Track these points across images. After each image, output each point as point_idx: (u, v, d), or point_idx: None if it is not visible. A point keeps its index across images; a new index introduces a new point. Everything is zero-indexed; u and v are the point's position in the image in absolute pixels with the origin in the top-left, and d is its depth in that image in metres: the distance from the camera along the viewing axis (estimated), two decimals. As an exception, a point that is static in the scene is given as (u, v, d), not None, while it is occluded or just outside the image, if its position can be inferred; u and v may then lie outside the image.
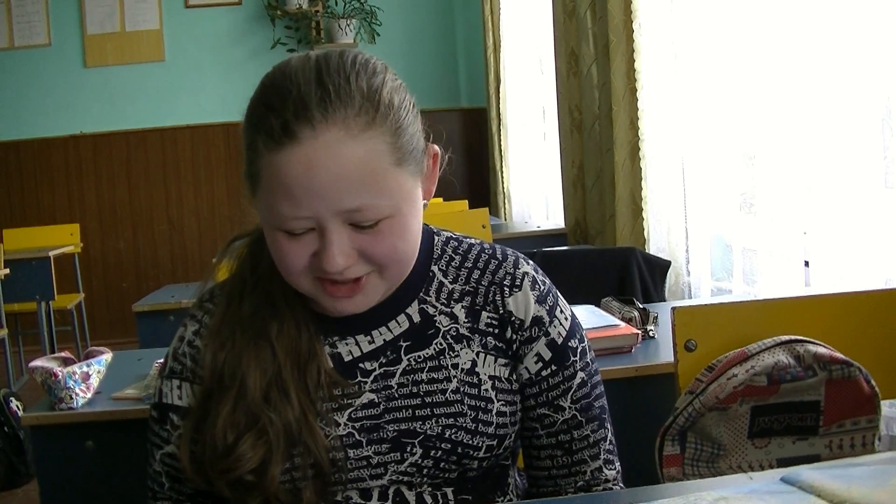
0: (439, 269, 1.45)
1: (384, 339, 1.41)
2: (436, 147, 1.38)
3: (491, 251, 1.47)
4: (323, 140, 1.19)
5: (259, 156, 1.23)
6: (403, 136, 1.27)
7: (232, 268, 1.47)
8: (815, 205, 3.05)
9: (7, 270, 6.08)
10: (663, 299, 3.78)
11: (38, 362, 2.38)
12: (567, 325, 1.46)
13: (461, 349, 1.41)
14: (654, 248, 4.21)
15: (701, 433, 1.71)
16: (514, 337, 1.43)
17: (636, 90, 4.23)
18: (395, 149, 1.25)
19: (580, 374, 1.46)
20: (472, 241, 1.50)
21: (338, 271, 1.25)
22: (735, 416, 1.70)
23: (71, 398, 2.34)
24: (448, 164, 1.43)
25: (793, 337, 1.73)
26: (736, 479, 1.31)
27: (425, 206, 1.38)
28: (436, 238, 1.48)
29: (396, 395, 1.39)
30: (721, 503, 1.12)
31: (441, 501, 1.41)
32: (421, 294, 1.43)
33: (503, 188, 7.54)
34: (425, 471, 1.38)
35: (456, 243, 1.48)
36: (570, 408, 1.45)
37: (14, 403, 4.71)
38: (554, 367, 1.44)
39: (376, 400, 1.39)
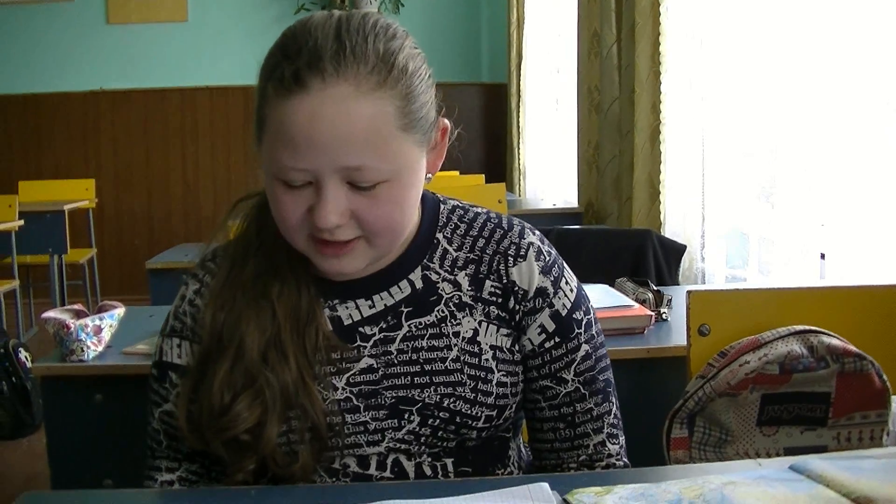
0: (444, 237, 1.44)
1: (385, 304, 1.41)
2: (446, 121, 1.38)
3: (497, 220, 1.46)
4: (331, 93, 1.19)
5: (267, 102, 1.24)
6: (414, 103, 1.26)
7: (237, 228, 1.47)
8: (833, 197, 3.03)
9: (21, 222, 6.10)
10: (677, 283, 3.77)
11: (50, 313, 2.39)
12: (572, 296, 1.45)
13: (463, 317, 1.41)
14: (670, 232, 4.20)
15: (710, 418, 1.71)
16: (518, 307, 1.42)
17: (660, 73, 4.20)
18: (403, 114, 1.24)
19: (584, 347, 1.45)
20: (479, 209, 1.49)
21: (328, 228, 1.25)
22: (745, 403, 1.70)
23: (82, 350, 2.35)
24: (458, 139, 1.43)
25: (807, 327, 1.72)
26: (745, 465, 1.32)
27: (429, 179, 1.37)
28: (441, 206, 1.48)
29: (395, 362, 1.39)
30: (729, 487, 1.12)
31: (440, 473, 1.41)
32: (424, 261, 1.43)
33: (519, 165, 7.54)
34: (423, 439, 1.38)
35: (462, 212, 1.48)
36: (573, 380, 1.44)
37: (23, 354, 4.74)
38: (557, 339, 1.43)
39: (375, 365, 1.39)
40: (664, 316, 2.56)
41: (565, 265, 1.48)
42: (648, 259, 3.69)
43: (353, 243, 1.29)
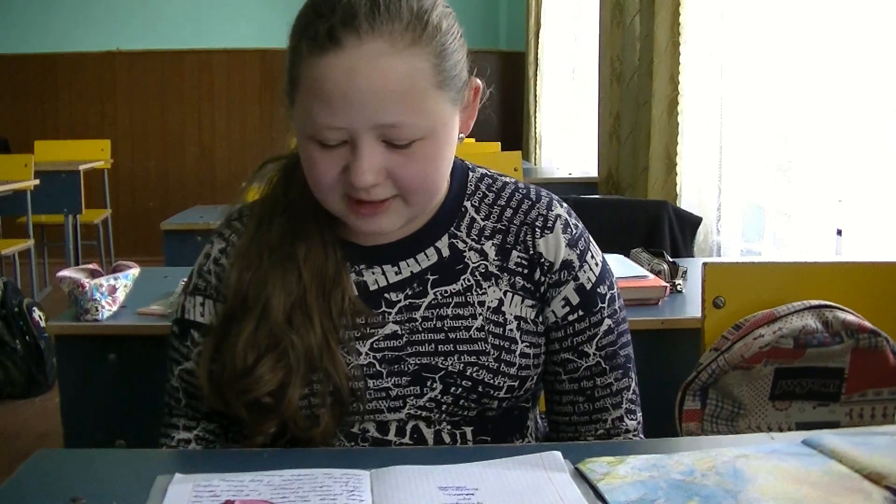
0: (472, 206, 1.44)
1: (411, 271, 1.40)
2: (478, 81, 1.37)
3: (525, 191, 1.46)
4: (367, 50, 1.18)
5: (301, 59, 1.22)
6: (448, 60, 1.25)
7: (263, 190, 1.46)
8: (851, 173, 3.02)
9: (37, 181, 6.11)
10: (692, 255, 3.77)
11: (65, 272, 2.39)
12: (597, 270, 1.45)
13: (489, 287, 1.40)
14: (685, 204, 4.19)
15: (722, 391, 1.71)
16: (543, 279, 1.42)
17: (679, 44, 4.18)
18: (437, 71, 1.24)
19: (607, 321, 1.44)
20: (507, 179, 1.48)
21: (365, 187, 1.24)
22: (758, 377, 1.70)
23: (97, 310, 2.35)
24: (489, 99, 1.42)
25: (823, 302, 1.72)
26: (757, 439, 1.32)
27: (461, 139, 1.36)
28: (470, 174, 1.47)
29: (420, 329, 1.38)
30: (742, 461, 1.12)
31: (459, 441, 1.40)
32: (452, 229, 1.42)
33: (535, 133, 7.52)
34: (444, 407, 1.38)
35: (490, 181, 1.47)
36: (594, 354, 1.44)
37: (37, 313, 4.76)
38: (581, 313, 1.43)
39: (399, 332, 1.38)
40: (679, 287, 2.56)
41: (591, 239, 1.47)
42: (664, 230, 3.68)
43: (388, 202, 1.28)
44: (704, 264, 1.81)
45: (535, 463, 1.15)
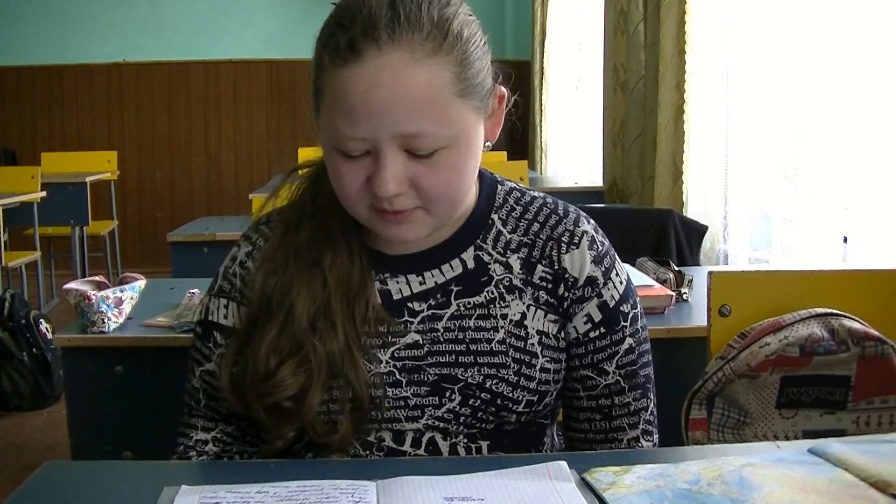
0: (499, 218, 1.44)
1: (436, 282, 1.41)
2: (503, 88, 1.38)
3: (553, 206, 1.46)
4: (387, 60, 1.19)
5: (324, 71, 1.23)
6: (470, 69, 1.25)
7: (292, 196, 1.46)
8: (857, 180, 3.01)
9: (43, 193, 6.13)
10: (698, 264, 3.76)
11: (72, 284, 2.40)
12: (621, 289, 1.45)
13: (512, 300, 1.40)
14: (692, 212, 4.19)
15: (729, 399, 1.71)
16: (567, 294, 1.42)
17: (685, 52, 4.18)
18: (459, 80, 1.24)
19: (628, 340, 1.44)
20: (535, 193, 1.48)
21: (388, 196, 1.24)
22: (764, 385, 1.69)
23: (103, 322, 2.36)
24: (514, 106, 1.42)
25: (828, 310, 1.72)
26: (763, 447, 1.31)
27: (487, 148, 1.37)
28: (499, 187, 1.47)
29: (441, 339, 1.38)
30: (748, 469, 1.12)
31: (475, 454, 1.40)
32: (478, 241, 1.42)
33: (541, 142, 7.51)
34: (462, 419, 1.38)
35: (519, 194, 1.47)
36: (614, 373, 1.43)
37: (43, 325, 4.77)
38: (602, 330, 1.42)
39: (421, 341, 1.39)
40: (685, 296, 2.55)
41: (617, 257, 1.47)
42: (670, 239, 3.67)
43: (410, 213, 1.28)
44: (710, 273, 1.82)
45: (541, 473, 1.15)
